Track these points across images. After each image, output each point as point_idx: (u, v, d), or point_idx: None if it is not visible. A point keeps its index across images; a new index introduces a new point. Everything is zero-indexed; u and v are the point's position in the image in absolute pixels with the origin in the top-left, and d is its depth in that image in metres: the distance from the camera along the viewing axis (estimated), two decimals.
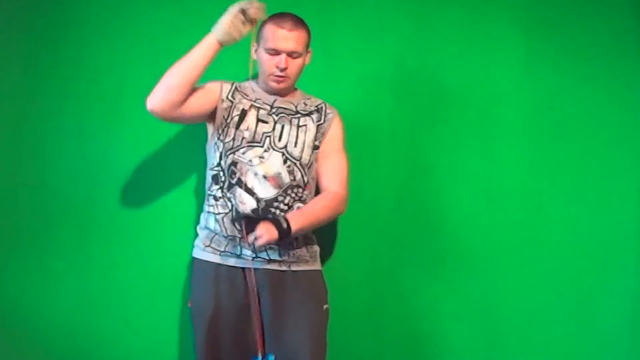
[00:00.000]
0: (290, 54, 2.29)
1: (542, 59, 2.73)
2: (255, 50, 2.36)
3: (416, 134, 2.73)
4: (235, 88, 2.40)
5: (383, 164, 2.71)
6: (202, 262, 2.39)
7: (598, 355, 2.71)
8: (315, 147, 2.41)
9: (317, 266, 2.44)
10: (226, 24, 2.21)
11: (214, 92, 2.37)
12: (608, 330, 2.70)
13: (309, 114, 2.42)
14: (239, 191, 2.32)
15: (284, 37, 2.28)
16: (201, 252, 2.40)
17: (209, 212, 2.38)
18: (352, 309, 2.66)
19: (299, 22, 2.32)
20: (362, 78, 2.72)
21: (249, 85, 2.43)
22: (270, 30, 2.30)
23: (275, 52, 2.29)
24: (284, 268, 2.35)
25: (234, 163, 2.34)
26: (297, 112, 2.41)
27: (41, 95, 2.63)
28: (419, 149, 2.73)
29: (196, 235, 2.45)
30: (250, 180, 2.33)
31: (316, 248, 2.45)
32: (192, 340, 2.43)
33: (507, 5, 2.75)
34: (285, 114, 2.39)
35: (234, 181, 2.33)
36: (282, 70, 2.29)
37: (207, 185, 2.41)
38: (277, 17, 2.31)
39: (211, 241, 2.37)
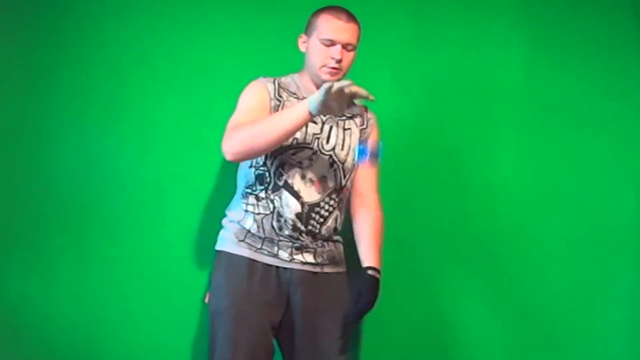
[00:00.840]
0: (345, 46, 2.23)
1: (543, 58, 2.77)
2: (304, 42, 2.28)
3: (419, 132, 2.74)
4: (279, 85, 2.31)
5: (384, 162, 2.68)
6: (233, 256, 2.29)
7: (598, 353, 2.76)
8: None
9: (343, 267, 2.42)
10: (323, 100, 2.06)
11: (266, 102, 2.27)
12: (608, 328, 2.76)
13: (352, 117, 2.37)
14: (285, 194, 2.25)
15: (342, 28, 2.21)
16: (234, 247, 2.30)
17: (246, 210, 2.29)
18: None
19: (352, 15, 2.26)
20: (362, 77, 2.65)
21: (292, 81, 2.34)
22: (325, 20, 2.23)
23: (331, 43, 2.21)
24: (317, 270, 2.32)
25: (282, 164, 2.25)
26: (343, 114, 2.34)
27: (41, 95, 2.54)
28: (420, 148, 2.73)
29: (220, 228, 2.37)
30: (297, 183, 2.26)
31: (342, 248, 2.42)
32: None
33: (508, 4, 2.78)
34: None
35: (280, 183, 2.25)
36: (338, 62, 2.22)
37: (246, 184, 2.31)
38: (331, 8, 2.25)
39: (245, 237, 2.29)
